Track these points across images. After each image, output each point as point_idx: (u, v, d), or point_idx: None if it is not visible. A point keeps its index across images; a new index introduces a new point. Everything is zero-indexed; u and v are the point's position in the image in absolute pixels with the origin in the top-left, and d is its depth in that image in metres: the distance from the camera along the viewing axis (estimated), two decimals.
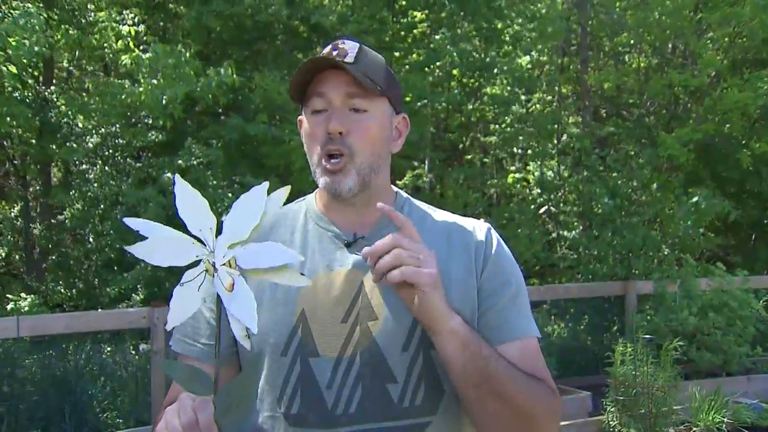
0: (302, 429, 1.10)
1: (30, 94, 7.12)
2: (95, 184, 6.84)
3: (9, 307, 6.23)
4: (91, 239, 7.09)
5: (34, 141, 7.46)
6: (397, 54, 8.44)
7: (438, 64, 7.95)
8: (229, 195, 6.49)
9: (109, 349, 5.37)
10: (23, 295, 6.60)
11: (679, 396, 4.38)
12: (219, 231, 0.83)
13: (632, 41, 9.39)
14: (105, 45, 7.13)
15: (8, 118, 6.16)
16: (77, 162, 7.40)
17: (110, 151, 7.11)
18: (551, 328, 6.47)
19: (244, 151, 7.40)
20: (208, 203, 0.81)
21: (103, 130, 7.10)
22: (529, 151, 9.39)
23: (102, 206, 6.69)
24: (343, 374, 1.10)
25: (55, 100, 7.25)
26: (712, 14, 7.92)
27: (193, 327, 1.16)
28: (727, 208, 7.33)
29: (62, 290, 7.51)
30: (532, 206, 8.73)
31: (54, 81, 8.31)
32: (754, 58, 9.08)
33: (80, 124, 7.13)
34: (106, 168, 7.04)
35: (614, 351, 4.48)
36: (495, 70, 7.98)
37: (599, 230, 7.34)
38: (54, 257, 8.01)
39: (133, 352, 5.56)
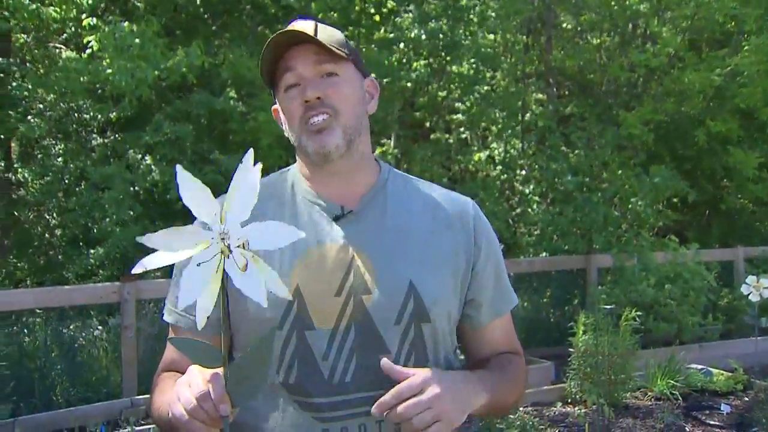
0: (301, 398, 1.13)
1: None
2: (59, 159, 6.71)
3: None
4: (54, 215, 6.98)
5: None
6: (363, 30, 8.40)
7: (404, 40, 7.95)
8: (198, 171, 6.44)
9: (73, 325, 5.32)
10: None
11: (637, 363, 4.58)
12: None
13: (594, 20, 9.50)
14: (66, 18, 6.92)
15: None
16: (38, 138, 7.23)
17: (74, 125, 6.96)
18: None
19: (211, 127, 7.32)
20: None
21: (64, 105, 6.93)
22: (494, 128, 9.48)
23: (66, 182, 6.58)
24: (338, 346, 1.13)
25: (14, 71, 7.05)
26: None
27: None
28: (685, 189, 7.55)
29: (25, 266, 7.38)
30: (497, 182, 8.85)
31: (12, 53, 8.07)
32: (711, 39, 9.30)
33: (44, 99, 6.96)
34: (70, 145, 6.90)
35: (576, 322, 4.65)
36: (462, 50, 8.01)
37: (561, 207, 7.50)
38: (15, 233, 7.85)
39: (101, 327, 5.53)
